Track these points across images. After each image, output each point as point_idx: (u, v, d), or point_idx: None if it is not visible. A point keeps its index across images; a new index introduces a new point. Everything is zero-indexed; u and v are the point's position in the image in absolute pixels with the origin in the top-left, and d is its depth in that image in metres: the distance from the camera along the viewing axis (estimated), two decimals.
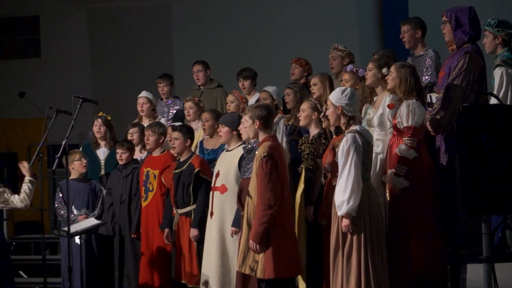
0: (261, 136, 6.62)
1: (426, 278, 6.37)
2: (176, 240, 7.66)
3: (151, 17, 13.15)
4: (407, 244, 6.39)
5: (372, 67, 6.94)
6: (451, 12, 6.97)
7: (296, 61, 8.88)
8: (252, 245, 6.39)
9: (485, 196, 4.93)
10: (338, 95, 6.30)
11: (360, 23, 12.56)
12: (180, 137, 7.66)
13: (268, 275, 6.39)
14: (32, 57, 13.50)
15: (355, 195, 6.05)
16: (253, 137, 6.72)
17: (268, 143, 6.50)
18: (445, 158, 6.86)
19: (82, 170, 8.39)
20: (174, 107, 9.47)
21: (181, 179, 7.57)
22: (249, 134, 6.71)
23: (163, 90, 9.52)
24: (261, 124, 6.59)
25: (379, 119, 6.78)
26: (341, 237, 6.18)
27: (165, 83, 9.53)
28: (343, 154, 6.11)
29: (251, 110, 6.66)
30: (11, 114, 12.73)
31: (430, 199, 6.46)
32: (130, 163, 8.26)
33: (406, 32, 7.76)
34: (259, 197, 6.39)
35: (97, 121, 8.82)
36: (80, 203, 8.30)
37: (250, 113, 6.63)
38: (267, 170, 6.37)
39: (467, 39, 6.87)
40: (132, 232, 8.12)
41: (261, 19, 12.68)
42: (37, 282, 9.55)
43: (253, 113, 6.61)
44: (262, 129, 6.60)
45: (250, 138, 6.79)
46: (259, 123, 6.59)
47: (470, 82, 6.75)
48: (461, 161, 4.97)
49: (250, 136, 6.73)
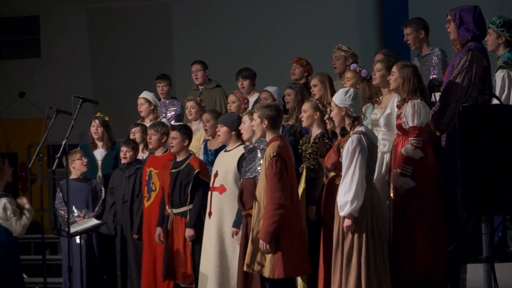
0: (268, 136, 6.62)
1: (431, 278, 6.38)
2: (169, 239, 7.65)
3: (151, 17, 13.15)
4: (412, 244, 6.39)
5: (381, 67, 6.94)
6: (455, 11, 6.96)
7: (297, 61, 8.89)
8: (262, 244, 6.39)
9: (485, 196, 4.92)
10: (342, 96, 6.30)
11: (360, 23, 12.56)
12: (178, 136, 7.66)
13: (278, 275, 6.40)
14: (32, 57, 13.51)
15: (359, 196, 6.06)
16: (260, 136, 6.72)
17: (277, 142, 6.50)
18: (447, 157, 6.86)
19: (83, 169, 8.39)
20: (171, 108, 9.47)
21: (178, 179, 7.56)
22: (256, 132, 6.71)
23: (163, 90, 9.52)
24: (269, 123, 6.59)
25: (386, 119, 6.77)
26: (342, 237, 6.19)
27: (165, 83, 9.53)
28: (348, 155, 6.11)
29: (261, 109, 6.64)
30: (11, 114, 12.74)
31: (436, 199, 6.47)
32: (133, 163, 8.26)
33: (409, 35, 7.76)
34: (269, 197, 6.39)
35: (95, 121, 8.81)
36: (81, 203, 8.29)
37: (259, 112, 6.63)
38: (277, 170, 6.37)
39: (471, 37, 6.85)
40: (134, 233, 8.13)
41: (261, 19, 12.69)
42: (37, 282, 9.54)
43: (262, 112, 6.60)
44: (270, 129, 6.60)
45: (252, 137, 6.80)
46: (268, 123, 6.58)
47: (472, 80, 6.73)
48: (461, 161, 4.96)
49: (258, 135, 6.73)
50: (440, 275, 6.42)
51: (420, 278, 6.37)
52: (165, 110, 9.48)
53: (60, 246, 9.15)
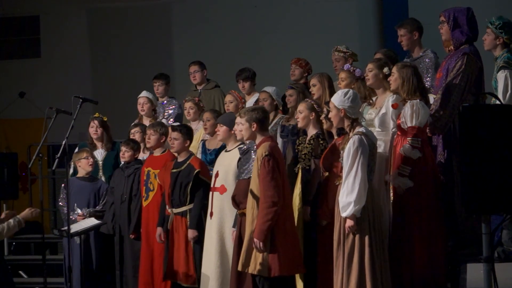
0: (258, 138, 6.69)
1: (430, 278, 6.37)
2: (170, 239, 7.65)
3: (151, 17, 13.14)
4: (411, 244, 6.39)
5: (372, 67, 6.90)
6: (449, 12, 6.97)
7: (296, 61, 8.88)
8: (256, 243, 6.41)
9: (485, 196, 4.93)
10: (341, 98, 6.30)
11: (360, 23, 12.55)
12: (180, 137, 7.67)
13: (274, 273, 6.43)
14: (32, 57, 13.50)
15: (362, 197, 6.06)
16: (248, 139, 6.77)
17: (268, 143, 6.57)
18: (442, 157, 6.86)
19: (88, 169, 8.41)
20: (169, 107, 9.46)
21: (178, 179, 7.57)
22: (244, 136, 6.76)
23: (158, 89, 9.49)
24: (258, 126, 6.66)
25: (380, 119, 6.77)
26: (343, 237, 6.19)
27: (160, 83, 9.49)
28: (349, 156, 6.11)
29: (247, 113, 6.72)
30: (11, 114, 12.73)
31: (434, 199, 6.46)
32: (133, 163, 8.27)
33: (403, 36, 7.77)
34: (262, 196, 6.44)
35: (93, 122, 8.81)
36: (83, 202, 8.31)
37: (246, 116, 6.69)
38: (269, 169, 6.43)
39: (465, 40, 6.87)
40: (130, 232, 8.13)
41: (261, 20, 12.68)
42: (37, 282, 9.55)
43: (249, 116, 6.67)
44: (260, 131, 6.68)
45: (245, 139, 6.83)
46: (256, 126, 6.65)
47: (468, 84, 6.75)
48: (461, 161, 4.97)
49: (245, 138, 6.79)
50: (439, 275, 6.42)
51: (420, 278, 6.36)
52: (163, 110, 9.47)
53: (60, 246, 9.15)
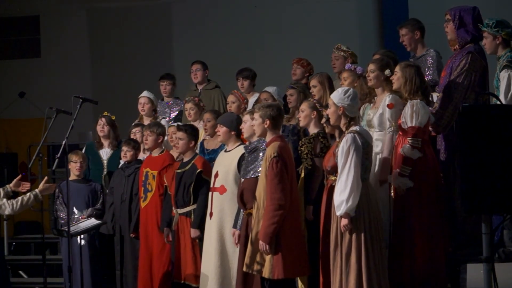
0: (269, 135, 6.62)
1: (430, 279, 6.37)
2: (175, 240, 7.66)
3: (151, 17, 13.15)
4: (411, 244, 6.38)
5: (374, 68, 6.89)
6: (455, 11, 6.95)
7: (298, 61, 8.87)
8: (262, 245, 6.39)
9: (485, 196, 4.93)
10: (341, 95, 6.29)
11: (360, 23, 12.56)
12: (185, 137, 7.65)
13: (278, 275, 6.40)
14: (32, 57, 13.51)
15: (354, 195, 6.05)
16: (260, 136, 6.71)
17: (277, 143, 6.50)
18: (444, 157, 6.86)
19: (76, 173, 8.37)
20: (175, 108, 9.47)
21: (183, 179, 7.56)
22: (256, 132, 6.69)
23: (166, 89, 9.51)
24: (271, 123, 6.59)
25: (378, 119, 6.77)
26: (340, 237, 6.18)
27: (168, 82, 9.52)
28: (342, 154, 6.12)
29: (262, 109, 6.63)
30: (11, 114, 12.74)
31: (435, 199, 6.46)
32: (133, 163, 8.26)
33: (405, 36, 7.78)
34: (269, 198, 6.39)
35: (101, 120, 8.85)
36: (81, 204, 8.30)
37: (261, 111, 6.62)
38: (277, 171, 6.37)
39: (470, 39, 6.85)
40: (130, 232, 8.13)
41: (261, 19, 12.69)
42: (37, 282, 9.56)
43: (264, 112, 6.60)
44: (271, 129, 6.60)
45: (253, 136, 6.79)
46: (269, 123, 6.59)
47: (472, 82, 6.74)
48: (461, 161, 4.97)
49: (257, 134, 6.72)
50: (439, 275, 6.42)
51: (420, 278, 6.36)
52: (169, 110, 9.47)
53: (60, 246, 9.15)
